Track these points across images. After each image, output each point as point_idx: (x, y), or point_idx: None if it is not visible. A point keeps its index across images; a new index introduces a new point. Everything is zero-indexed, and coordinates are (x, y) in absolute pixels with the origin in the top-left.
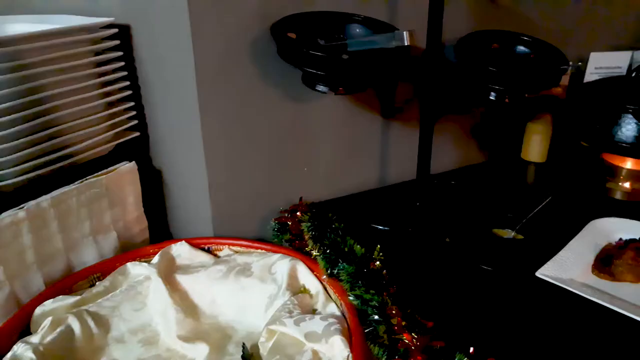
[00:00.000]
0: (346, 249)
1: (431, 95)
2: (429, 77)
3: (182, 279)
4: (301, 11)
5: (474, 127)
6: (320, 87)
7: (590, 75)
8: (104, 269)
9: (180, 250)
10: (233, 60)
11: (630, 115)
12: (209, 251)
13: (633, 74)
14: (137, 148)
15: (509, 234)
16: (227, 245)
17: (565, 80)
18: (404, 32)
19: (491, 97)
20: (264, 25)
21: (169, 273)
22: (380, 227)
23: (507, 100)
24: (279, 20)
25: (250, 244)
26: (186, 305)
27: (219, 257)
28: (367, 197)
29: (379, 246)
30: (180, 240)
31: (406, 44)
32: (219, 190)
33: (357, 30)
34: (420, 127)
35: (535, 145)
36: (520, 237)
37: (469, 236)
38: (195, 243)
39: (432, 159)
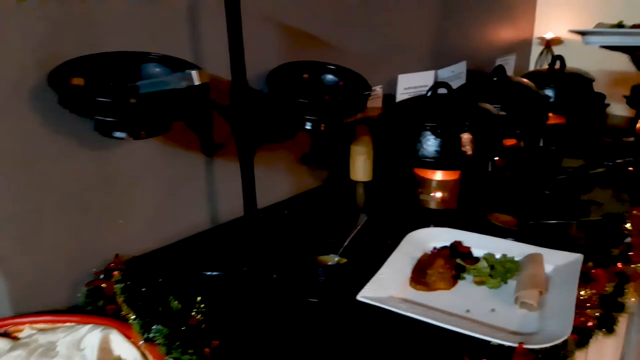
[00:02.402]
0: (160, 308)
1: (243, 128)
2: (238, 110)
3: None
4: (91, 52)
5: (304, 154)
6: (118, 134)
7: (401, 96)
8: None
9: None
10: (10, 116)
11: (429, 132)
12: (5, 335)
13: (428, 93)
14: None
15: (332, 259)
16: (27, 324)
17: (378, 102)
18: (193, 72)
19: (307, 127)
20: (45, 71)
21: None
22: (210, 273)
23: (322, 128)
24: (60, 65)
25: (55, 318)
26: None
27: (18, 339)
28: (198, 240)
29: (199, 298)
30: None
31: (196, 83)
32: (12, 262)
33: (156, 69)
34: (240, 161)
35: (360, 166)
36: (344, 260)
37: (295, 269)
38: None
39: (266, 190)
